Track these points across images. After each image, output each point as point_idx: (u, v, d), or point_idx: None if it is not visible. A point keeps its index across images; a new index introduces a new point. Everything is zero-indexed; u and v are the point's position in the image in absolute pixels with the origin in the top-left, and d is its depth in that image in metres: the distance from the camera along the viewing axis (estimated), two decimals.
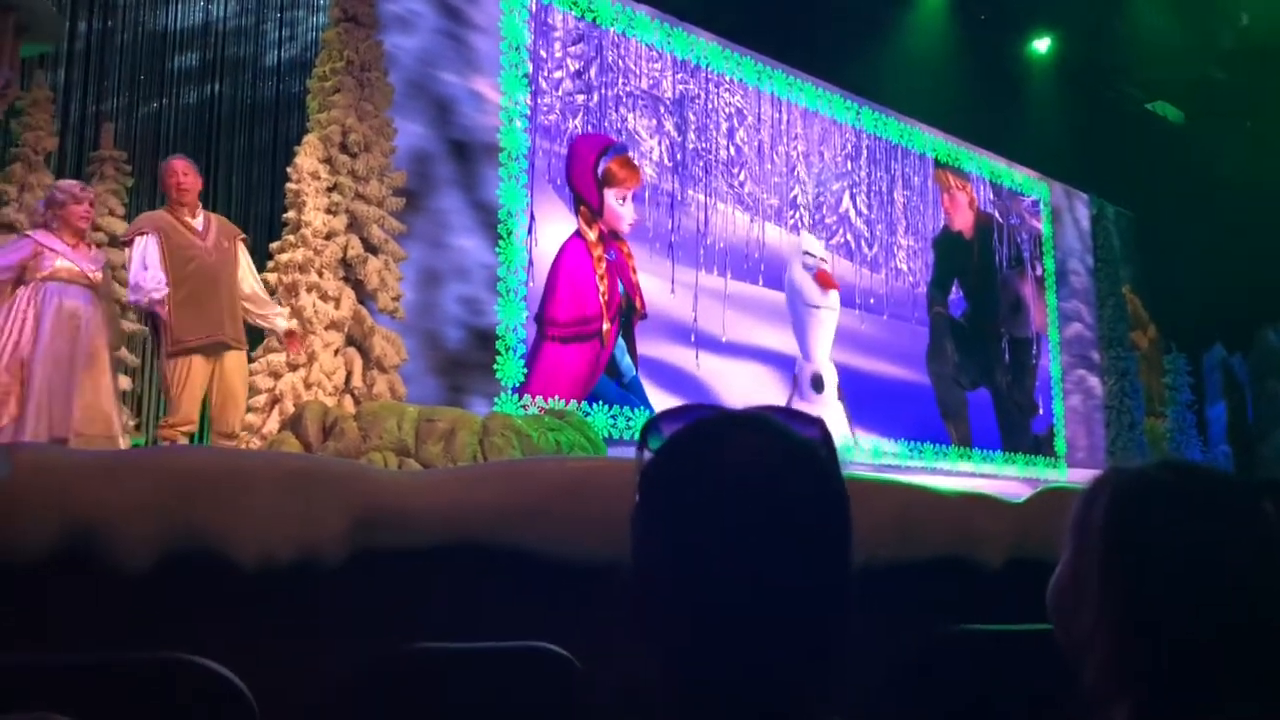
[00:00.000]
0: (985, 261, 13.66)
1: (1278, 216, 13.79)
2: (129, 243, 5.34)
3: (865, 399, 11.42)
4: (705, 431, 0.88)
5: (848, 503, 0.87)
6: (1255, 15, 13.82)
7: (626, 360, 9.40)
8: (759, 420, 0.89)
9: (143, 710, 1.42)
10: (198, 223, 5.39)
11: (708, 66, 10.67)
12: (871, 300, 11.91)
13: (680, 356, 9.85)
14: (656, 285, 9.81)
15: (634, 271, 9.63)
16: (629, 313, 9.51)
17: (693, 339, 9.99)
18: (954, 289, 13.06)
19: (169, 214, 5.39)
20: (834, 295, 11.39)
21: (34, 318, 4.88)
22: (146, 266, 5.14)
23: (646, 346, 9.59)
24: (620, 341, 9.38)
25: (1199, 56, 14.55)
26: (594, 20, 9.72)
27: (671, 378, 9.68)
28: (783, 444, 0.87)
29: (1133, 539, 1.05)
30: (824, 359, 11.16)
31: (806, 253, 11.17)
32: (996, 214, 13.96)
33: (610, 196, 9.54)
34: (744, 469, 0.84)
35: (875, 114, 12.46)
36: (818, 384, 10.99)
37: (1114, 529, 1.06)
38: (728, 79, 10.86)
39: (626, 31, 9.97)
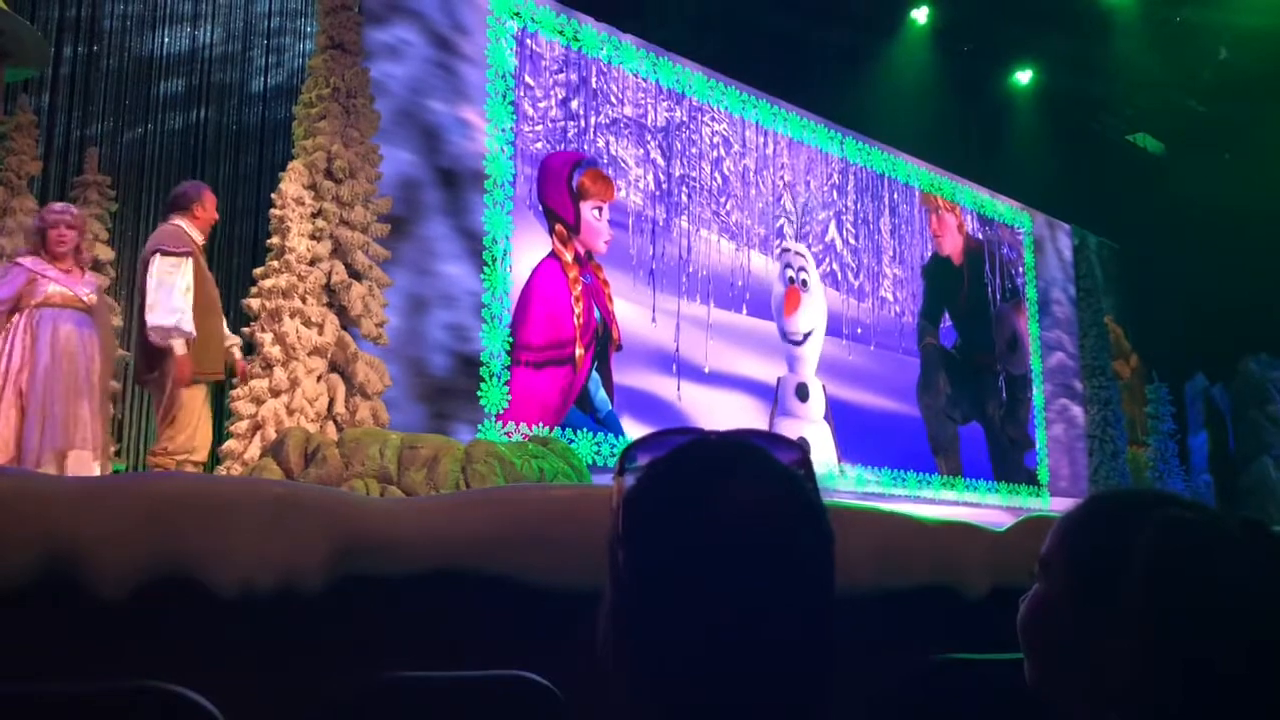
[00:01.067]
0: (976, 289, 13.70)
1: (1258, 247, 13.95)
2: (175, 253, 5.09)
3: (851, 429, 11.39)
4: (687, 458, 0.87)
5: (829, 529, 0.86)
6: (1234, 50, 14.00)
7: (601, 394, 9.24)
8: (740, 446, 0.88)
9: None
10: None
11: (693, 95, 10.71)
12: (859, 330, 11.91)
13: (661, 386, 9.79)
14: (637, 313, 9.72)
15: (610, 299, 9.49)
16: (604, 343, 9.37)
17: (674, 369, 9.92)
18: (944, 319, 13.06)
19: (192, 236, 5.28)
20: (819, 319, 11.35)
21: (30, 344, 4.83)
22: (182, 292, 5.01)
23: (626, 376, 9.48)
24: (595, 375, 9.23)
25: (1179, 89, 14.73)
26: (580, 48, 9.75)
27: (652, 408, 9.59)
28: (765, 470, 0.86)
29: (1189, 586, 1.04)
30: (809, 374, 11.13)
31: (785, 249, 11.09)
32: (986, 242, 14.02)
33: (586, 210, 9.46)
34: (726, 497, 0.83)
35: (859, 144, 12.53)
36: (802, 393, 10.94)
37: (1168, 575, 1.05)
38: (713, 108, 10.90)
39: (612, 60, 10.01)
